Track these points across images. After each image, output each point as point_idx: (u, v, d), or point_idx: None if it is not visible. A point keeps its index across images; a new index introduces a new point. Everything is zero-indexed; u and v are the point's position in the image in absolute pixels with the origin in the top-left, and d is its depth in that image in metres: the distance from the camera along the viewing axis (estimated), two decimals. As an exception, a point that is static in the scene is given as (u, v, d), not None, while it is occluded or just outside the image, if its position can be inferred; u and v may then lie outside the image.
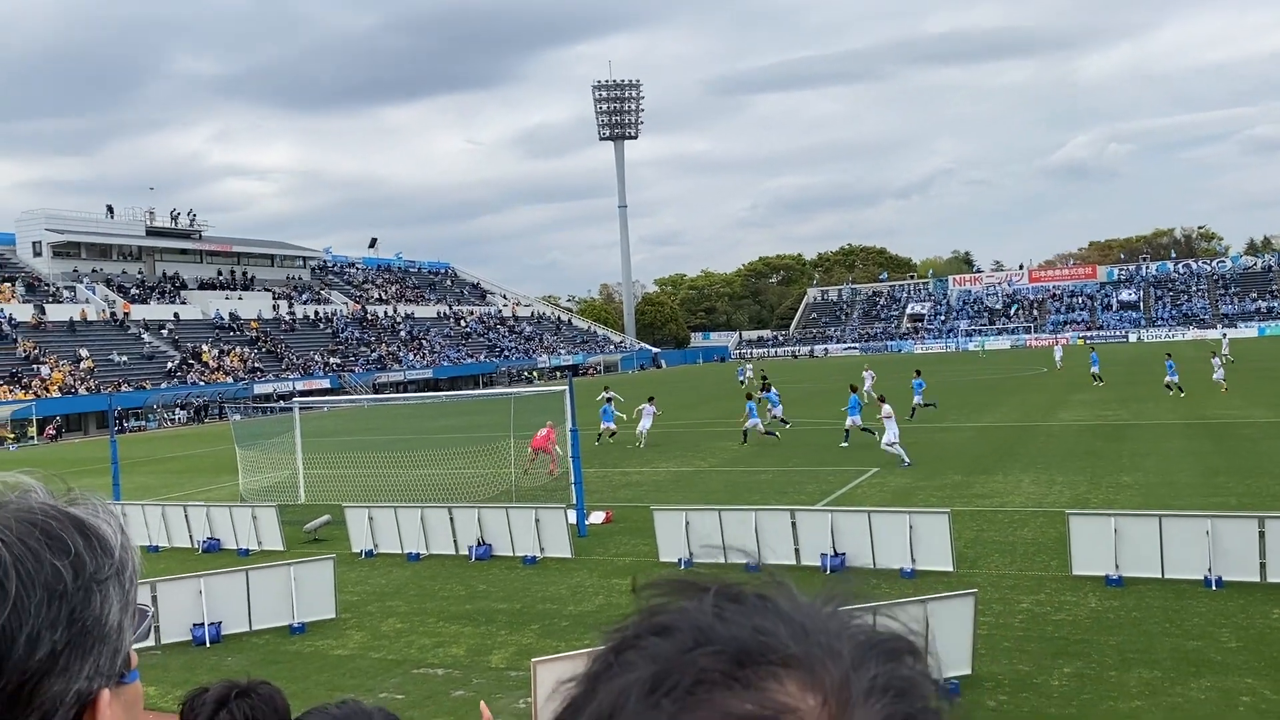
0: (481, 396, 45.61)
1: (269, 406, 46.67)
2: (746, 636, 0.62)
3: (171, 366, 69.40)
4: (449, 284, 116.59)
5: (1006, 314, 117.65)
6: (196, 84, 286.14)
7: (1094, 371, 46.14)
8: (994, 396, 44.04)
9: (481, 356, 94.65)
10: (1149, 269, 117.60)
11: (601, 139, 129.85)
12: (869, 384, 41.44)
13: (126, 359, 68.42)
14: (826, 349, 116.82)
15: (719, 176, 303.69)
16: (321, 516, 20.43)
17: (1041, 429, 30.85)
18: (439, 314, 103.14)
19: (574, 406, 21.54)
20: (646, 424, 32.46)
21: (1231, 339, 68.78)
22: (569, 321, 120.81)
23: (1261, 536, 12.90)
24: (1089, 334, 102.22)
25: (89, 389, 61.80)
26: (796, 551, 15.12)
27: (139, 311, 75.65)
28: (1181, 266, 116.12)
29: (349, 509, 19.23)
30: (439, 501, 19.67)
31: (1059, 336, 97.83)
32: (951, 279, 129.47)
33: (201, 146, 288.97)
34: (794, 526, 15.33)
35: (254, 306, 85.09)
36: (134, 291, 79.17)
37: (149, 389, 64.76)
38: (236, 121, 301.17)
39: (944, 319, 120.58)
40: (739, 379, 61.91)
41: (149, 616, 1.08)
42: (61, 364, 63.42)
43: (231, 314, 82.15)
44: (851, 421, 28.93)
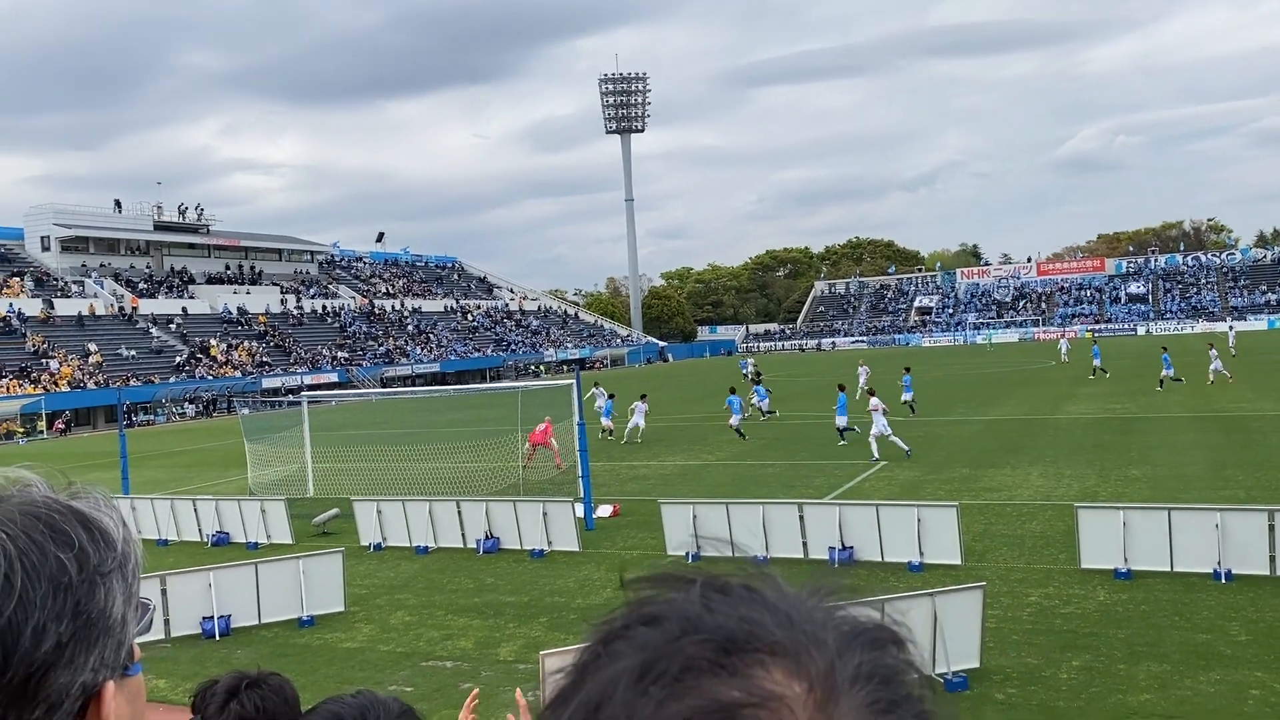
0: (488, 390, 45.65)
1: (277, 400, 46.74)
2: (733, 625, 0.63)
3: (180, 361, 69.59)
4: (456, 278, 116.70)
5: (1015, 307, 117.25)
6: (203, 78, 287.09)
7: (1096, 364, 46.03)
8: (1002, 390, 43.93)
9: (489, 350, 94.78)
10: (1158, 262, 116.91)
11: (608, 132, 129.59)
12: (864, 380, 40.94)
13: (135, 353, 68.61)
14: (834, 342, 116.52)
15: (726, 170, 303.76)
16: (330, 510, 20.50)
17: (1049, 422, 30.77)
18: (446, 308, 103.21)
19: (580, 400, 21.59)
20: (640, 421, 32.53)
21: (1240, 332, 68.14)
22: (575, 315, 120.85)
23: (1271, 530, 12.86)
24: (1096, 327, 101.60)
25: (98, 383, 62.03)
26: (804, 545, 15.13)
27: (147, 306, 75.89)
28: (1190, 259, 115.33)
29: (357, 502, 19.28)
30: (447, 495, 19.72)
31: (1066, 330, 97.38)
32: (959, 272, 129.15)
33: (209, 141, 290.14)
34: (802, 520, 15.33)
35: (262, 301, 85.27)
36: (142, 286, 79.37)
37: (157, 383, 64.95)
38: (243, 116, 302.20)
39: (952, 312, 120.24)
40: (743, 372, 61.96)
41: (150, 610, 1.08)
42: (70, 358, 63.62)
43: (239, 308, 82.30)
44: (841, 421, 28.81)
